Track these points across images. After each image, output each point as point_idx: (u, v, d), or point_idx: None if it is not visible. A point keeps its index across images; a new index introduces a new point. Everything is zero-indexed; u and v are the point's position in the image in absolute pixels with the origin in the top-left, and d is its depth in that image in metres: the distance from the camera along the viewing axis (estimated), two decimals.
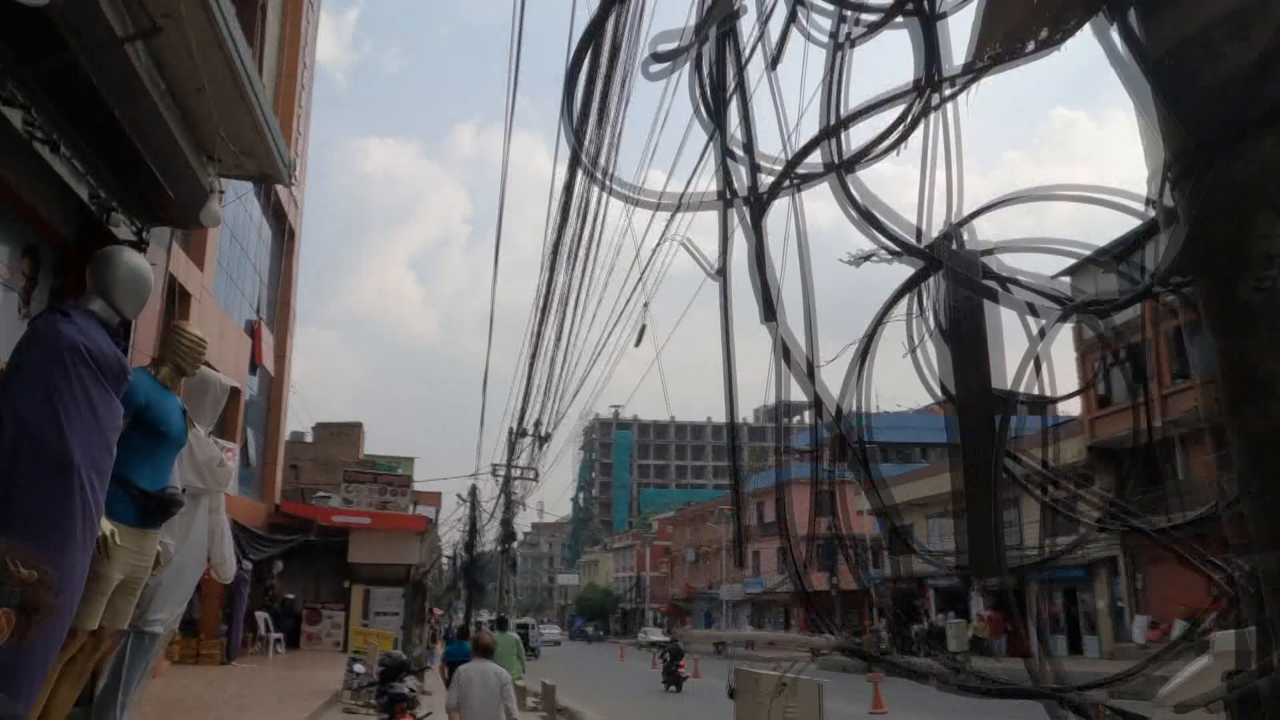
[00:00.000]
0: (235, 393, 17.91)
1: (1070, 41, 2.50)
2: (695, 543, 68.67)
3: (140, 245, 5.44)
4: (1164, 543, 2.74)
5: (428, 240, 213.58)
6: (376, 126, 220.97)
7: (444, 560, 45.73)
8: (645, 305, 9.24)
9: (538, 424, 26.03)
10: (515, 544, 30.34)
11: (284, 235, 22.45)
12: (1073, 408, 30.80)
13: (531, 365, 15.98)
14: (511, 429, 32.71)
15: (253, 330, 19.69)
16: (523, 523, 34.98)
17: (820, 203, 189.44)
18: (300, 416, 73.51)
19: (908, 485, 39.02)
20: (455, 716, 6.97)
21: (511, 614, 28.92)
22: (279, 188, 20.83)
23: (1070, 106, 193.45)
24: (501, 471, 33.30)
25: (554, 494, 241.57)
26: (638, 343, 8.60)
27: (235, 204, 18.25)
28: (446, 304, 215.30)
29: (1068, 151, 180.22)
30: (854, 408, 3.05)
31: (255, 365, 19.81)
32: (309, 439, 36.74)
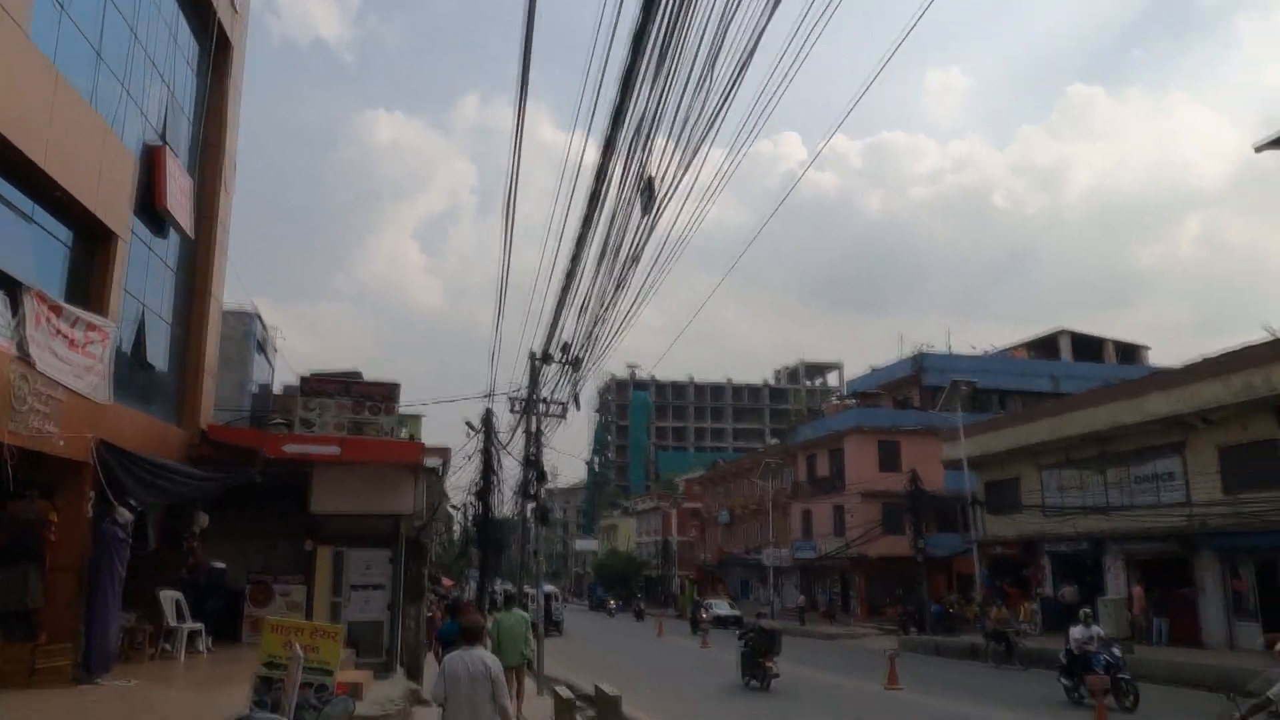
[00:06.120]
0: (102, 239, 11.04)
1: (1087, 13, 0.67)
2: (730, 503, 62.09)
3: None
4: None
5: (435, 211, 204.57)
6: (383, 99, 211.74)
7: (454, 518, 39.23)
8: None
9: (566, 347, 20.00)
10: (546, 487, 23.64)
11: (211, 43, 15.45)
12: None
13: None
14: (533, 353, 25.92)
15: (150, 157, 12.79)
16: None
17: (827, 172, 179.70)
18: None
19: (1015, 430, 32.10)
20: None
21: (540, 581, 22.44)
22: None
23: (1088, 81, 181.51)
24: (520, 407, 26.44)
25: (565, 459, 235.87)
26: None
27: None
28: (454, 274, 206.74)
29: (1086, 127, 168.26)
30: None
31: (155, 210, 12.92)
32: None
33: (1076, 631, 16.69)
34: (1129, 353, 49.94)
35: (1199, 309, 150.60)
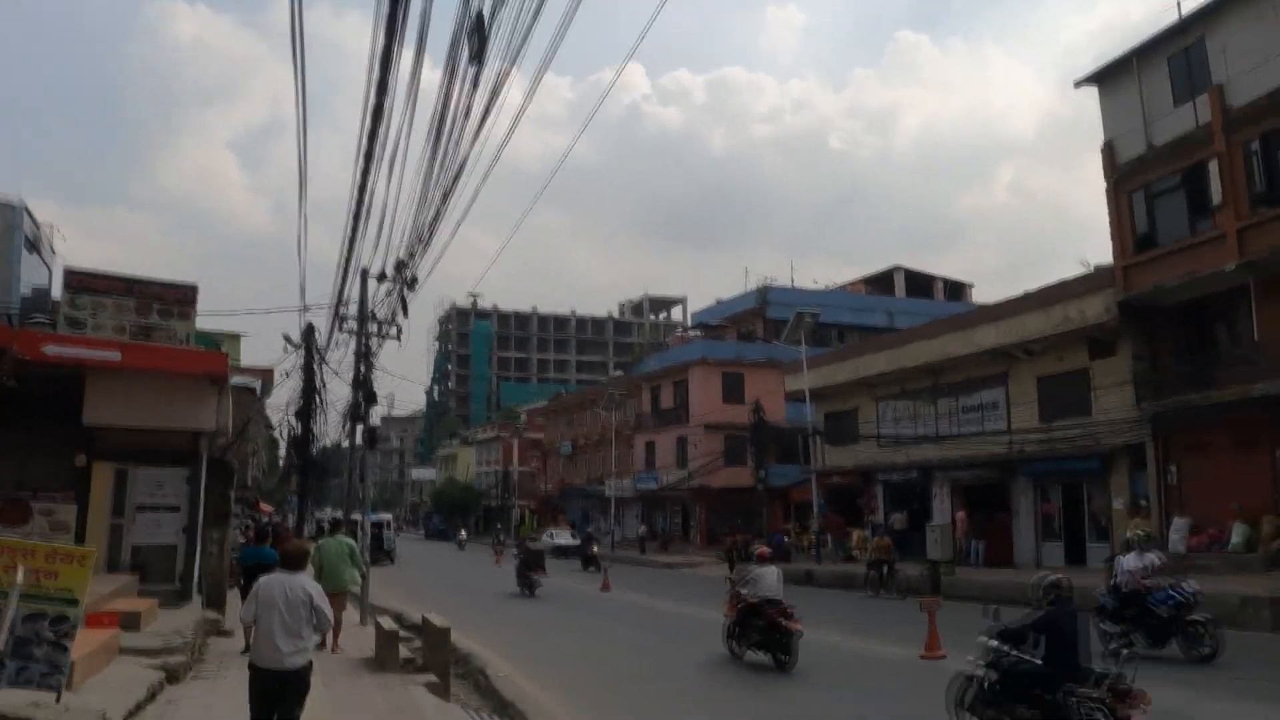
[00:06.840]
0: None
1: None
2: (572, 435, 61.55)
3: None
4: None
5: (253, 122, 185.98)
6: None
7: (278, 441, 36.60)
8: None
9: (401, 265, 18.86)
10: (382, 414, 21.92)
11: None
12: (1102, 253, 24.74)
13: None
14: (365, 269, 23.76)
15: None
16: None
17: (671, 107, 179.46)
18: None
19: (855, 362, 32.73)
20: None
21: (367, 508, 20.98)
22: None
23: (915, 29, 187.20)
24: (350, 326, 24.27)
25: (405, 387, 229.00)
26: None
27: None
28: (279, 191, 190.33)
29: (914, 74, 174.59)
30: None
31: None
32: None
33: (1128, 561, 12.31)
34: (956, 290, 52.41)
35: (1010, 254, 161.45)
